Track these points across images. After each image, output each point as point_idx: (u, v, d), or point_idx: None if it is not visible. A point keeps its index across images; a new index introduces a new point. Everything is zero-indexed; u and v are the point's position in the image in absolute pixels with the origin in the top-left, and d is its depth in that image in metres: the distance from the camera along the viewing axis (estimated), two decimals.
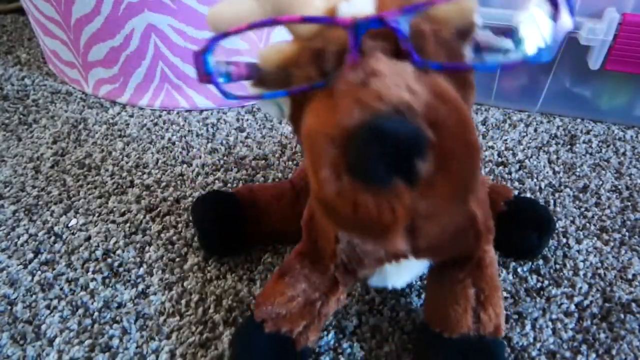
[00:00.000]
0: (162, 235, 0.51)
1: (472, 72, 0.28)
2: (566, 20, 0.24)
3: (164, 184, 0.58)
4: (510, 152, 0.62)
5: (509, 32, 0.27)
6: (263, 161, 0.62)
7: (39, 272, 0.48)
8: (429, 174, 0.22)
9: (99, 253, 0.50)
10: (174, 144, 0.65)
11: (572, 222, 0.52)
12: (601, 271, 0.47)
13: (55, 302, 0.45)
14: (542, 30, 0.25)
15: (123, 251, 0.50)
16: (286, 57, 0.28)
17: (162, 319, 0.43)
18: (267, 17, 0.27)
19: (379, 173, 0.21)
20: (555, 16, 0.24)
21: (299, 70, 0.27)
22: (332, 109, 0.23)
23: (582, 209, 0.54)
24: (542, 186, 0.57)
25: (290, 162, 0.62)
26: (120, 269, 0.48)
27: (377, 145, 0.21)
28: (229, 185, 0.58)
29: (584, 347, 0.41)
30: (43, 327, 0.43)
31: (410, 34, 0.25)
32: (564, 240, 0.50)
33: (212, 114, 0.72)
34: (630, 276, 0.46)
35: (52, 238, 0.51)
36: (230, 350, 0.39)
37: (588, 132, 0.66)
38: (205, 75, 0.26)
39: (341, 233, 0.34)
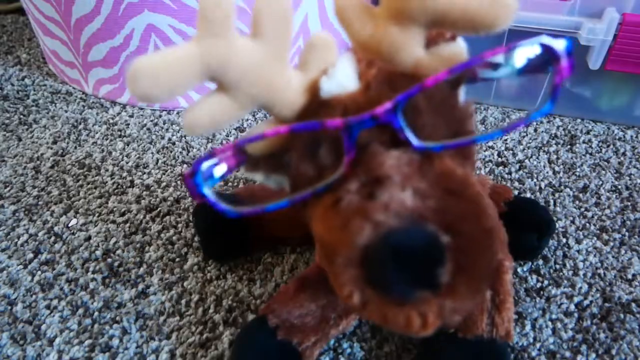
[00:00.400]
0: (162, 235, 0.51)
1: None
2: (565, 69, 0.23)
3: (164, 184, 0.58)
4: (510, 152, 0.62)
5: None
6: None
7: (39, 272, 0.48)
8: (451, 277, 0.22)
9: (99, 253, 0.50)
10: (174, 144, 0.65)
11: (572, 222, 0.52)
12: (601, 271, 0.47)
13: (55, 302, 0.45)
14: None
15: (123, 251, 0.50)
16: (276, 144, 0.27)
17: (162, 319, 0.43)
18: (247, 110, 0.26)
19: (402, 288, 0.21)
20: (555, 67, 0.23)
21: (293, 164, 0.26)
22: (342, 227, 0.22)
23: (582, 209, 0.54)
24: (542, 186, 0.57)
25: None
26: (120, 269, 0.48)
27: (395, 262, 0.21)
28: (229, 184, 0.58)
29: (584, 347, 0.41)
30: (43, 327, 0.43)
31: (408, 117, 0.24)
32: (564, 240, 0.50)
33: None
34: (630, 276, 0.46)
35: (52, 238, 0.51)
36: (236, 347, 0.39)
37: (588, 132, 0.66)
38: (199, 197, 0.25)
39: None
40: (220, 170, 0.26)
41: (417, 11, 0.24)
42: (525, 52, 0.24)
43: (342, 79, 0.25)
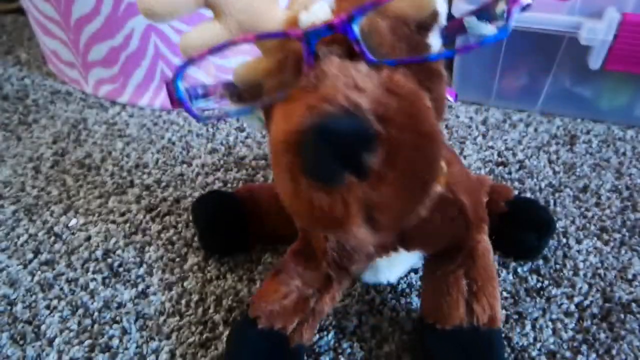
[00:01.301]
0: (162, 235, 0.51)
1: (436, 62, 0.28)
2: None
3: (164, 184, 0.58)
4: (510, 152, 0.62)
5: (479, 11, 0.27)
6: (263, 161, 0.62)
7: (39, 272, 0.48)
8: (379, 167, 0.22)
9: (99, 253, 0.50)
10: (174, 144, 0.65)
11: (572, 222, 0.52)
12: (601, 271, 0.47)
13: (55, 302, 0.45)
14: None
15: (123, 251, 0.50)
16: (257, 72, 0.29)
17: (162, 319, 0.43)
18: (234, 34, 0.28)
19: (330, 171, 0.22)
20: None
21: (266, 83, 0.28)
22: (286, 116, 0.24)
23: (582, 209, 0.54)
24: (542, 186, 0.57)
25: None
26: (120, 269, 0.48)
27: (326, 145, 0.21)
28: (229, 185, 0.58)
29: (584, 347, 0.41)
30: (43, 327, 0.43)
31: (366, 34, 0.25)
32: (564, 240, 0.50)
33: None
34: (630, 276, 0.46)
35: (52, 238, 0.51)
36: (225, 345, 0.40)
37: (588, 132, 0.66)
38: (177, 101, 0.27)
39: None
40: (206, 92, 0.29)
41: None
42: None
43: (318, 12, 0.27)
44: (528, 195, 0.56)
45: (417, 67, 0.26)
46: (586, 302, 0.44)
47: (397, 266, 0.39)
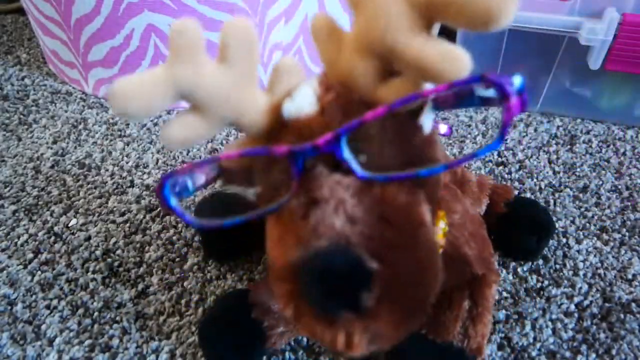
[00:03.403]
0: (162, 235, 0.51)
1: (430, 149, 0.27)
2: (515, 107, 0.22)
3: None
4: (510, 152, 0.62)
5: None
6: None
7: (39, 272, 0.48)
8: (375, 303, 0.22)
9: (98, 253, 0.50)
10: None
11: (572, 222, 0.52)
12: (601, 271, 0.47)
13: (55, 302, 0.45)
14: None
15: (123, 251, 0.50)
16: (246, 160, 0.28)
17: (162, 319, 0.43)
18: (219, 128, 0.27)
19: (328, 306, 0.22)
20: (505, 104, 0.22)
21: (257, 177, 0.27)
22: (279, 243, 0.24)
23: (582, 209, 0.54)
24: (542, 186, 0.57)
25: None
26: (120, 269, 0.48)
27: (320, 283, 0.21)
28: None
29: (584, 347, 0.41)
30: (43, 327, 0.43)
31: (354, 144, 0.24)
32: (564, 240, 0.50)
33: None
34: (630, 276, 0.46)
35: (52, 238, 0.51)
36: (210, 310, 0.40)
37: (588, 132, 0.66)
38: (169, 209, 0.27)
39: None
40: (196, 182, 0.28)
41: (376, 44, 0.24)
42: (473, 88, 0.23)
43: (301, 102, 0.26)
44: (528, 195, 0.56)
45: (410, 164, 0.25)
46: (586, 302, 0.44)
47: None
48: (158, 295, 0.45)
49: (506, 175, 0.59)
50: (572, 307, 0.44)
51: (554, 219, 0.52)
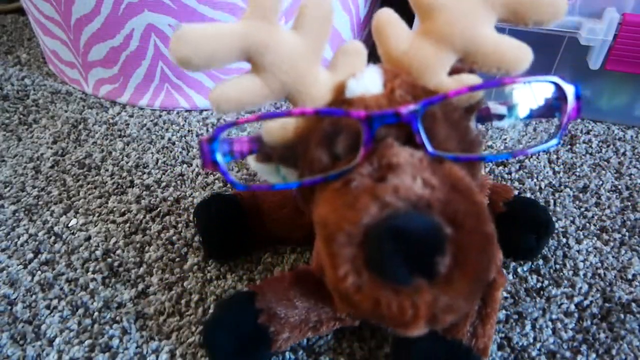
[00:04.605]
0: (162, 235, 0.51)
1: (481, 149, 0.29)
2: (573, 111, 0.25)
3: (164, 184, 0.58)
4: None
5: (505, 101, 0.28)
6: None
7: (39, 272, 0.48)
8: (449, 270, 0.22)
9: (99, 253, 0.50)
10: (174, 144, 0.65)
11: (572, 222, 0.52)
12: (601, 271, 0.47)
13: (55, 302, 0.45)
14: (534, 97, 0.27)
15: (123, 251, 0.50)
16: (293, 134, 0.28)
17: (162, 319, 0.43)
18: (275, 97, 0.27)
19: (399, 271, 0.21)
20: (563, 107, 0.25)
21: (308, 151, 0.27)
22: (349, 205, 0.23)
23: (582, 209, 0.54)
24: (542, 186, 0.57)
25: None
26: (120, 269, 0.48)
27: (396, 244, 0.21)
28: (228, 185, 0.58)
29: (584, 347, 0.41)
30: (43, 327, 0.43)
31: (422, 119, 0.25)
32: (564, 240, 0.50)
33: (212, 114, 0.72)
34: (630, 276, 0.46)
35: (52, 238, 0.51)
36: (215, 314, 0.39)
37: (588, 132, 0.66)
38: (212, 164, 0.26)
39: None
40: (234, 149, 0.28)
41: (457, 37, 0.26)
42: (538, 88, 0.26)
43: (368, 82, 0.26)
44: (528, 195, 0.56)
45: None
46: (586, 302, 0.44)
47: None
48: (158, 295, 0.45)
49: (506, 175, 0.59)
50: (572, 307, 0.44)
51: (554, 219, 0.52)
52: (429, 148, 0.24)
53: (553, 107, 0.27)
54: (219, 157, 0.26)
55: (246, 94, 0.26)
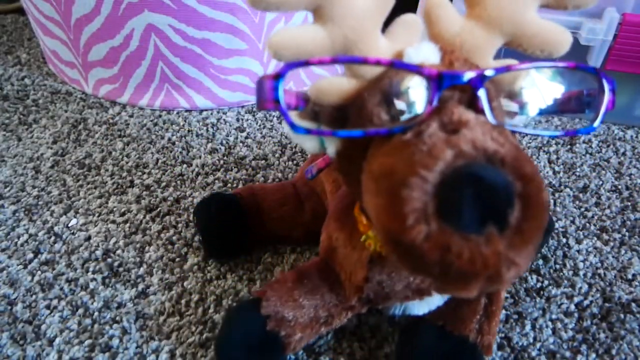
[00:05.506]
0: (162, 235, 0.51)
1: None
2: (609, 100, 0.27)
3: (164, 184, 0.58)
4: None
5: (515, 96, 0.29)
6: (263, 161, 0.62)
7: (39, 272, 0.48)
8: (517, 222, 0.22)
9: (99, 253, 0.50)
10: (174, 144, 0.65)
11: (572, 222, 0.52)
12: (601, 271, 0.47)
13: (55, 302, 0.45)
14: (543, 93, 0.28)
15: (123, 251, 0.50)
16: (346, 94, 0.27)
17: (162, 319, 0.43)
18: (336, 51, 0.27)
19: (472, 219, 0.21)
20: (600, 96, 0.27)
21: (363, 110, 0.27)
22: (423, 153, 0.23)
23: (582, 209, 0.54)
24: None
25: (290, 162, 0.62)
26: (120, 269, 0.48)
27: (473, 192, 0.21)
28: (228, 185, 0.58)
29: (584, 347, 0.41)
30: (43, 327, 0.43)
31: (487, 94, 0.26)
32: (564, 240, 0.50)
33: (212, 114, 0.72)
34: (630, 276, 0.46)
35: (52, 238, 0.51)
36: (224, 326, 0.38)
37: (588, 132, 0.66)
38: (273, 102, 0.25)
39: (373, 273, 0.34)
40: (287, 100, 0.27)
41: (505, 21, 0.28)
42: (579, 75, 0.28)
43: (427, 52, 0.27)
44: None
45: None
46: (586, 302, 0.44)
47: (428, 304, 0.39)
48: (158, 295, 0.45)
49: None
50: (572, 307, 0.44)
51: (554, 219, 0.52)
52: (490, 115, 0.25)
53: (583, 102, 0.29)
54: (280, 95, 0.24)
55: (307, 43, 0.26)
